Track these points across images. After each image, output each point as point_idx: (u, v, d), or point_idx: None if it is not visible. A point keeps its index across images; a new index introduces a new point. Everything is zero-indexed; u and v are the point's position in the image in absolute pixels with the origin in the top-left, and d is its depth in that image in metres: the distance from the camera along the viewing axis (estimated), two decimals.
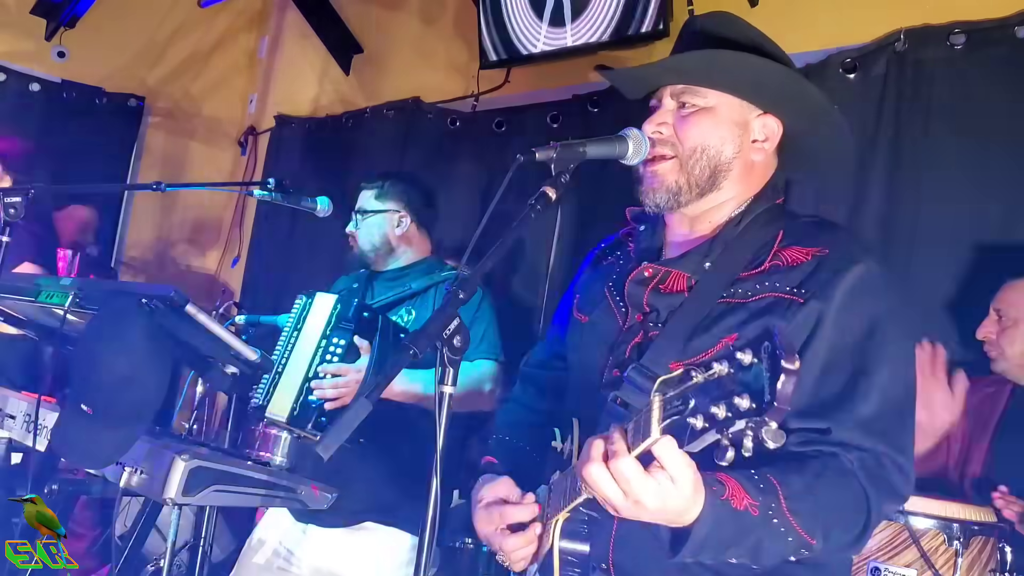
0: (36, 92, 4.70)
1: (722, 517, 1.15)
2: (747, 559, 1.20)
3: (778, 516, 1.18)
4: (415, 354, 1.16)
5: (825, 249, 1.34)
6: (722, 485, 1.16)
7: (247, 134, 5.32)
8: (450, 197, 3.89)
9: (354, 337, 2.29)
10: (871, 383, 1.28)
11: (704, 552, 1.17)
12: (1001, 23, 2.42)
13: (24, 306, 2.15)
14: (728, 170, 1.42)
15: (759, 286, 1.34)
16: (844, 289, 1.30)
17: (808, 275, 1.32)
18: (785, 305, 1.31)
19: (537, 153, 1.36)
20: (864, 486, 1.24)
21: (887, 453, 1.26)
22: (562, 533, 1.35)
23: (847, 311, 1.30)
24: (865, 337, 1.29)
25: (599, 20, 3.36)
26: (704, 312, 1.35)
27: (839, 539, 1.25)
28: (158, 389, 1.67)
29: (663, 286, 1.42)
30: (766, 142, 1.43)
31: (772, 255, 1.36)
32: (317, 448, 1.10)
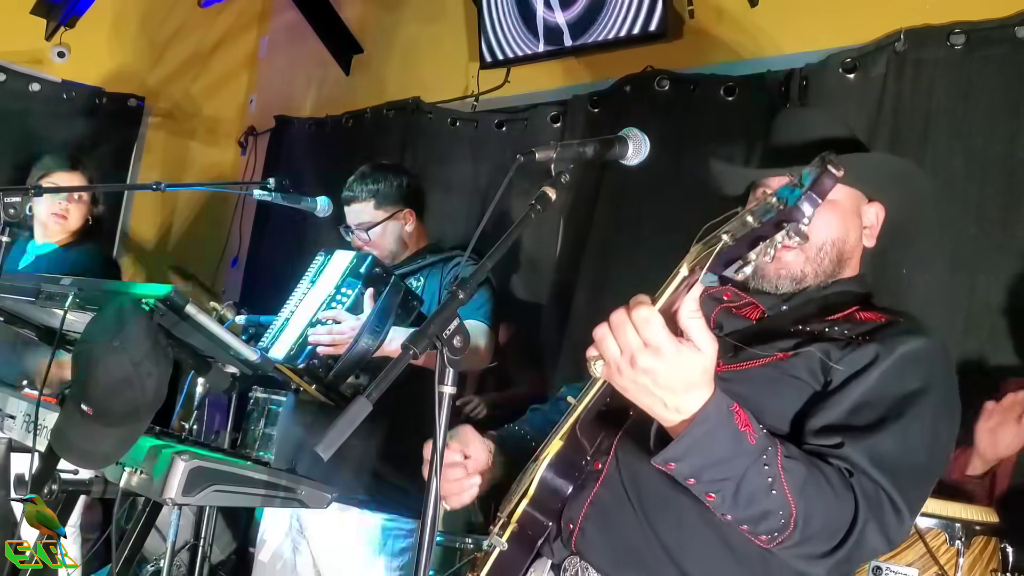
0: (36, 92, 4.69)
1: (721, 424, 1.12)
2: (728, 496, 1.15)
3: (770, 463, 1.15)
4: (415, 354, 1.16)
5: (899, 317, 1.41)
6: (731, 400, 1.15)
7: (247, 134, 5.33)
8: (450, 197, 3.89)
9: (365, 291, 2.29)
10: (898, 428, 1.26)
11: (690, 458, 1.13)
12: (1001, 23, 2.42)
13: (24, 306, 2.15)
14: (851, 257, 1.50)
15: (827, 329, 1.38)
16: (908, 349, 1.32)
17: (876, 328, 1.36)
18: (846, 341, 1.34)
19: (537, 153, 1.37)
20: (857, 502, 1.19)
21: (889, 492, 1.21)
22: (548, 467, 1.34)
23: (901, 368, 1.30)
24: (911, 395, 1.29)
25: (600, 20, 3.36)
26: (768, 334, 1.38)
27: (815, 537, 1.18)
28: (158, 389, 1.67)
29: (736, 310, 1.48)
30: (874, 227, 1.52)
31: (848, 313, 1.42)
32: (317, 448, 1.10)
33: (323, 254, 2.50)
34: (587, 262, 3.25)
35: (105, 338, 1.63)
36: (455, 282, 1.24)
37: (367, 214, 2.63)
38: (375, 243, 2.63)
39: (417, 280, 2.59)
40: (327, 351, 2.24)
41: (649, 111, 3.11)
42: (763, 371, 1.34)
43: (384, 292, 2.28)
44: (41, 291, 1.96)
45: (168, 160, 5.22)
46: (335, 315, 2.26)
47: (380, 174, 2.67)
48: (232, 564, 3.97)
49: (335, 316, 2.26)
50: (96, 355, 1.63)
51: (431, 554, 1.19)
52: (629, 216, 3.14)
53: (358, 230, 2.65)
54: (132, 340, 1.63)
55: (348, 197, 2.65)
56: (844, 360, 1.31)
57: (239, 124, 5.42)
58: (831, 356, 1.31)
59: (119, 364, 1.62)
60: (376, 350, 2.21)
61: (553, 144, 1.38)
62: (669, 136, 2.96)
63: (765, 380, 1.33)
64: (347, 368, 2.22)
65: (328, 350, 2.24)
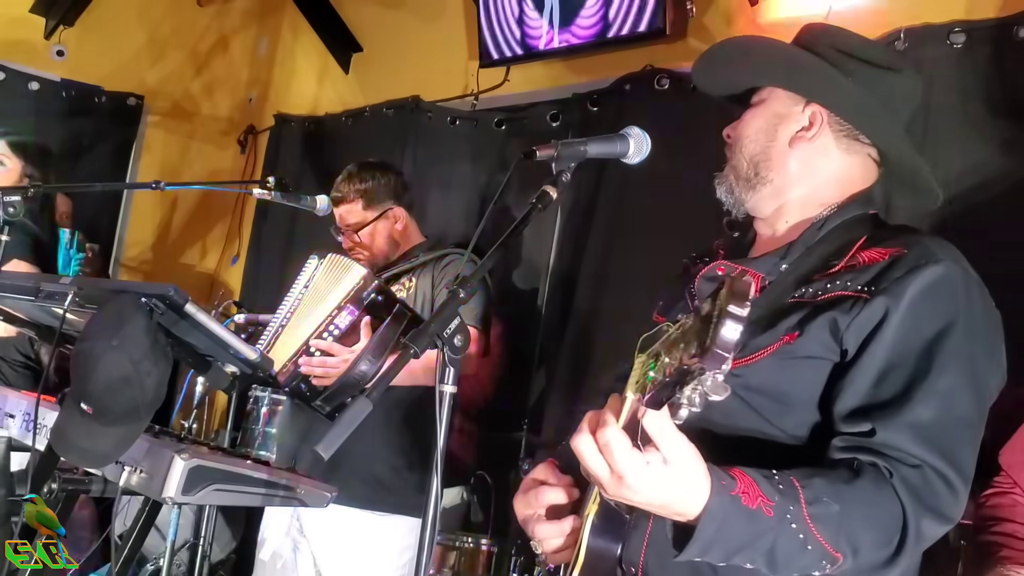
0: (35, 90, 4.69)
1: (731, 514, 1.06)
2: (762, 565, 1.11)
3: (796, 521, 1.08)
4: (415, 353, 1.16)
5: (904, 249, 1.26)
6: (732, 480, 1.08)
7: (246, 133, 5.32)
8: (450, 195, 3.89)
9: (363, 319, 2.27)
10: (933, 387, 1.18)
11: (712, 552, 1.08)
12: (1001, 22, 2.42)
13: (24, 305, 2.15)
14: (766, 159, 1.41)
15: (829, 285, 1.27)
16: (917, 288, 1.21)
17: (880, 272, 1.24)
18: (851, 302, 1.22)
19: (538, 152, 1.36)
20: (902, 500, 1.13)
21: (937, 467, 1.14)
22: (592, 530, 1.25)
23: (917, 311, 1.20)
24: (934, 340, 1.19)
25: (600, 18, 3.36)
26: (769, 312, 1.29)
27: (869, 556, 1.13)
28: (157, 388, 1.67)
29: None
30: (810, 129, 1.40)
31: (850, 257, 1.29)
32: (317, 448, 1.10)
33: (315, 257, 2.48)
34: (587, 261, 3.25)
35: (105, 337, 1.63)
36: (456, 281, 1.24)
37: (356, 215, 2.62)
38: (366, 244, 2.62)
39: (409, 280, 2.58)
40: (318, 382, 2.25)
41: (649, 110, 3.10)
42: (774, 361, 1.25)
43: (385, 322, 2.26)
44: (41, 290, 1.96)
45: (167, 159, 5.22)
46: (327, 347, 2.24)
47: (367, 173, 2.65)
48: (232, 563, 3.97)
49: (326, 349, 2.24)
50: (96, 354, 1.63)
51: (431, 553, 1.19)
52: (629, 215, 3.13)
53: (348, 231, 2.63)
54: (132, 339, 1.63)
55: (336, 198, 2.64)
56: (852, 326, 1.21)
57: (238, 123, 5.41)
58: (839, 324, 1.22)
59: (118, 363, 1.62)
60: (372, 378, 2.19)
61: (554, 143, 1.38)
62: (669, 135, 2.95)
63: (778, 370, 1.25)
64: (337, 394, 2.22)
65: (319, 381, 2.24)
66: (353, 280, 2.29)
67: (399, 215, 2.66)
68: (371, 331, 2.26)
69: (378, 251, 2.65)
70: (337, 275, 2.36)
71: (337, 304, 2.28)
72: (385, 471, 2.45)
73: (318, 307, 2.34)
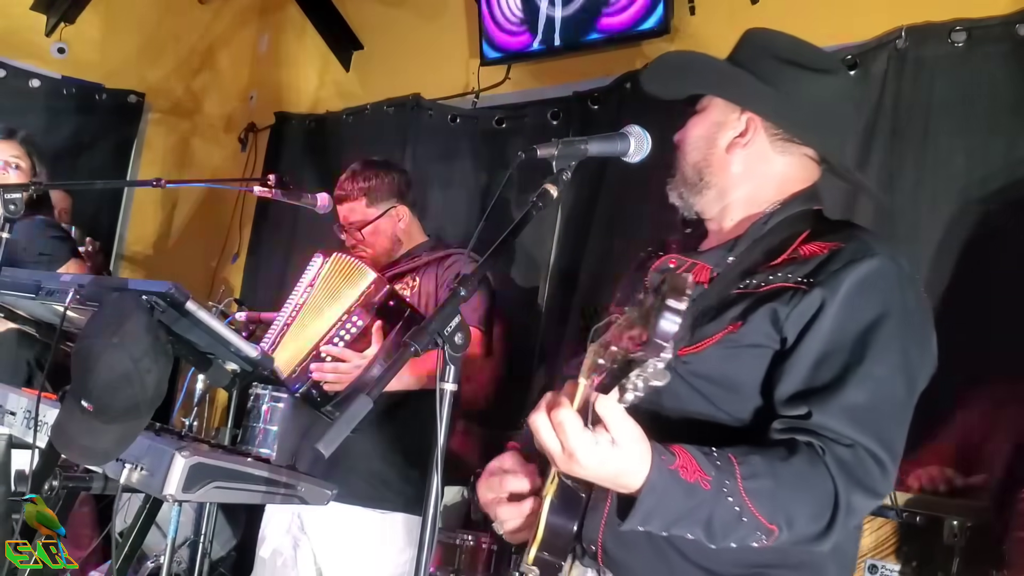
0: (36, 88, 4.69)
1: (670, 487, 1.15)
2: (701, 535, 1.19)
3: (732, 494, 1.17)
4: (416, 351, 1.17)
5: (842, 243, 1.34)
6: (672, 455, 1.17)
7: (247, 130, 5.32)
8: (451, 194, 3.89)
9: (374, 323, 2.26)
10: (866, 373, 1.25)
11: (652, 521, 1.17)
12: (1003, 21, 2.42)
13: (24, 302, 2.15)
14: (707, 166, 1.50)
15: (771, 276, 1.35)
16: (853, 280, 1.28)
17: (819, 265, 1.32)
18: (791, 293, 1.30)
19: (538, 150, 1.37)
20: (833, 477, 1.21)
21: (868, 446, 1.23)
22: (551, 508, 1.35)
23: (852, 302, 1.28)
24: (868, 329, 1.27)
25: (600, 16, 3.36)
26: (717, 302, 1.37)
27: (803, 529, 1.21)
28: (158, 386, 1.67)
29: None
30: (744, 136, 1.48)
31: (792, 250, 1.38)
32: (318, 445, 1.10)
33: (320, 256, 2.48)
34: (587, 260, 3.25)
35: (105, 335, 1.63)
36: (457, 279, 1.24)
37: (359, 212, 2.61)
38: (369, 242, 2.62)
39: (412, 280, 2.57)
40: (330, 387, 2.25)
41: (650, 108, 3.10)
42: (719, 349, 1.33)
43: (396, 328, 2.25)
44: (42, 287, 1.96)
45: (168, 156, 5.22)
46: (340, 354, 2.24)
47: (371, 171, 2.65)
48: (232, 560, 3.98)
49: (338, 355, 2.24)
50: (96, 352, 1.63)
51: (431, 551, 1.20)
52: (630, 214, 3.13)
53: (351, 229, 2.63)
54: (132, 337, 1.63)
55: (339, 196, 2.64)
56: (792, 316, 1.29)
57: (239, 120, 5.41)
58: (779, 314, 1.30)
59: (119, 361, 1.62)
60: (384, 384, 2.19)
61: (554, 141, 1.39)
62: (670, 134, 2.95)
63: (724, 357, 1.33)
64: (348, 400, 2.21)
65: (331, 387, 2.25)
66: (363, 285, 2.28)
67: (402, 213, 2.66)
68: (383, 336, 2.26)
69: (380, 249, 2.64)
70: (346, 278, 2.34)
71: (347, 308, 2.27)
72: (386, 469, 2.45)
73: (326, 310, 2.33)
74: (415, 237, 2.71)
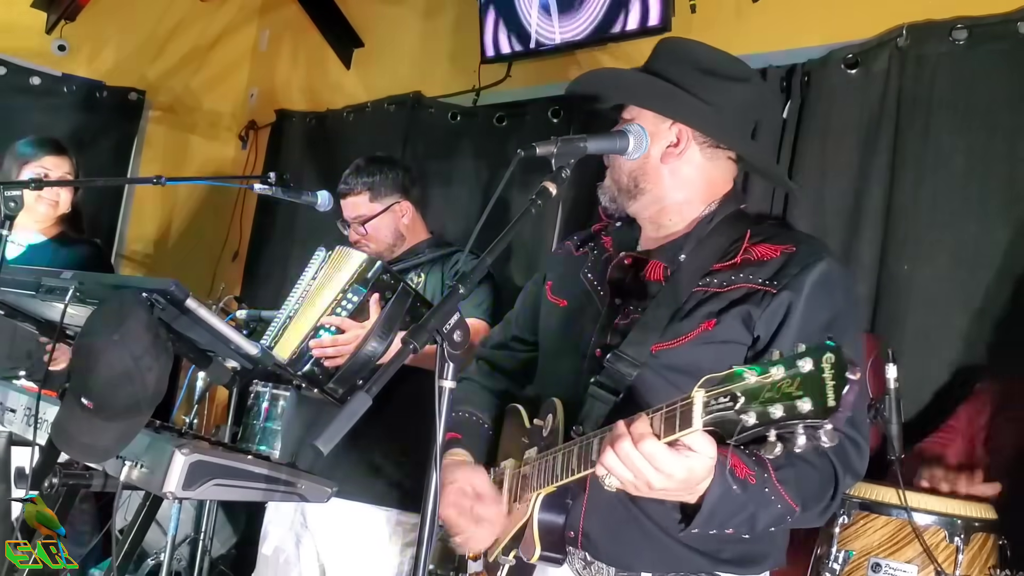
0: (36, 86, 4.69)
1: (729, 486, 1.26)
2: (744, 529, 1.32)
3: (768, 486, 1.31)
4: (414, 349, 1.17)
5: (792, 247, 1.48)
6: (725, 457, 1.24)
7: (247, 128, 5.32)
8: (451, 191, 3.89)
9: (371, 297, 2.26)
10: None
11: (712, 522, 1.28)
12: (1004, 19, 2.41)
13: (25, 300, 2.15)
14: (643, 175, 1.57)
15: (733, 277, 1.47)
16: (811, 282, 1.43)
17: (778, 269, 1.45)
18: (760, 296, 1.43)
19: (538, 148, 1.39)
20: (834, 463, 1.38)
21: (850, 435, 1.40)
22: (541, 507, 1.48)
23: (812, 303, 1.42)
24: (829, 325, 1.42)
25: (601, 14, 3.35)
26: (682, 299, 1.48)
27: (812, 509, 1.38)
28: (158, 383, 1.67)
29: (642, 273, 1.56)
30: (678, 146, 1.56)
31: (743, 250, 1.50)
32: (317, 443, 1.10)
33: (323, 250, 2.48)
34: None
35: (106, 332, 1.63)
36: (456, 276, 1.24)
37: (363, 207, 2.62)
38: (372, 237, 2.62)
39: (417, 276, 2.58)
40: (331, 362, 2.24)
41: None
42: (695, 345, 1.45)
43: (391, 299, 2.25)
44: (42, 285, 1.96)
45: (168, 154, 5.22)
46: (339, 323, 2.23)
47: (375, 167, 2.66)
48: (232, 558, 3.98)
49: (339, 324, 2.23)
50: (97, 349, 1.63)
51: (431, 548, 1.20)
52: None
53: (354, 224, 2.64)
54: (133, 334, 1.63)
55: (343, 191, 2.65)
56: (763, 317, 1.43)
57: (240, 118, 5.41)
58: (751, 315, 1.43)
59: (119, 358, 1.62)
60: (381, 356, 2.20)
61: (554, 139, 1.40)
62: None
63: (699, 352, 1.44)
64: (349, 374, 2.21)
65: (332, 361, 2.24)
66: (356, 263, 2.30)
67: (405, 209, 2.66)
68: (380, 307, 2.26)
69: (384, 244, 2.65)
70: (340, 263, 2.37)
71: (342, 287, 2.28)
72: (387, 466, 2.45)
73: (323, 293, 2.35)
74: (419, 233, 2.71)
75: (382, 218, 2.63)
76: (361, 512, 2.43)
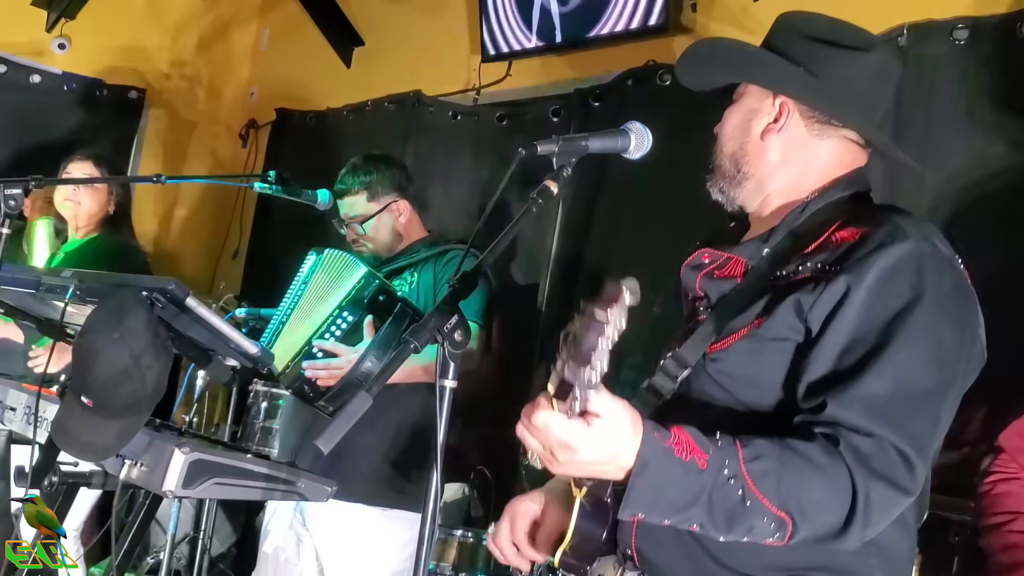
0: (36, 84, 4.69)
1: (663, 464, 1.11)
2: (707, 523, 1.14)
3: (734, 475, 1.12)
4: (415, 348, 1.17)
5: (874, 227, 1.25)
6: (667, 431, 1.14)
7: (248, 127, 5.32)
8: (451, 190, 3.89)
9: (366, 318, 2.26)
10: (889, 360, 1.17)
11: (649, 508, 1.13)
12: (1005, 19, 2.41)
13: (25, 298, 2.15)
14: (744, 155, 1.43)
15: (801, 267, 1.28)
16: (882, 265, 1.20)
17: (847, 251, 1.24)
18: (815, 282, 1.24)
19: (539, 147, 1.36)
20: (849, 466, 1.13)
21: (888, 438, 1.14)
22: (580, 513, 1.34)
23: (880, 289, 1.20)
24: (898, 315, 1.19)
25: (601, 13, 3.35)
26: (750, 295, 1.32)
27: (820, 522, 1.14)
28: (158, 382, 1.67)
29: (719, 271, 1.41)
30: (778, 121, 1.41)
31: (825, 237, 1.30)
32: (317, 442, 1.10)
33: (314, 253, 2.48)
34: (588, 257, 3.24)
35: (105, 330, 1.63)
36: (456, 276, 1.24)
37: (360, 207, 2.62)
38: (369, 236, 2.62)
39: (411, 275, 2.57)
40: (324, 383, 2.25)
41: (651, 105, 3.10)
42: (745, 344, 1.29)
43: (387, 321, 2.25)
44: (42, 283, 1.96)
45: (168, 152, 5.22)
46: (332, 348, 2.24)
47: (371, 165, 2.66)
48: (232, 557, 3.98)
49: (331, 350, 2.24)
50: (96, 347, 1.63)
51: (431, 547, 1.19)
52: (630, 210, 3.13)
53: (352, 223, 2.63)
54: (132, 332, 1.63)
55: (340, 190, 2.64)
56: (816, 305, 1.22)
57: (240, 116, 5.41)
58: (803, 305, 1.23)
59: (119, 356, 1.62)
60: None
61: (555, 138, 1.38)
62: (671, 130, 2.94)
63: (749, 353, 1.28)
64: (341, 394, 2.22)
65: (324, 382, 2.25)
66: (354, 280, 2.28)
67: (403, 208, 2.66)
68: (374, 330, 2.25)
69: (381, 244, 2.65)
70: (337, 274, 2.35)
71: (338, 304, 2.27)
72: (387, 466, 2.45)
73: (318, 307, 2.34)
74: (416, 232, 2.71)
75: (380, 217, 2.63)
76: (360, 512, 2.43)
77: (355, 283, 2.27)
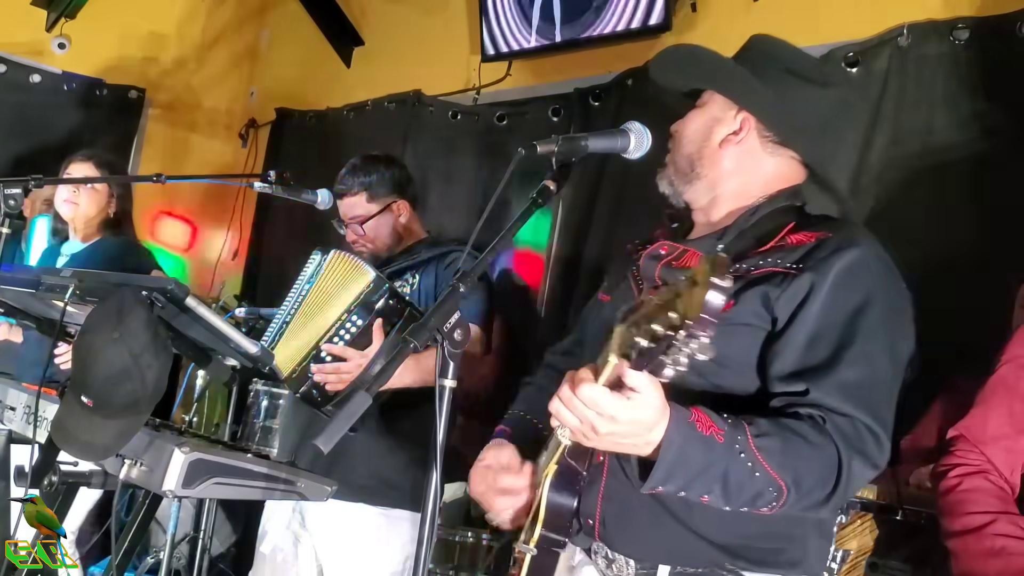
0: (36, 83, 4.69)
1: (689, 438, 1.21)
2: (719, 494, 1.25)
3: (745, 450, 1.24)
4: (415, 348, 1.17)
5: (829, 233, 1.41)
6: (687, 410, 1.23)
7: (248, 126, 5.32)
8: (451, 190, 3.89)
9: (374, 322, 2.25)
10: (858, 353, 1.33)
11: (673, 478, 1.23)
12: (1005, 19, 2.41)
13: (24, 298, 2.15)
14: (700, 158, 1.54)
15: (761, 262, 1.41)
16: (841, 267, 1.35)
17: (807, 252, 1.39)
18: (781, 277, 1.37)
19: (538, 146, 1.38)
20: (836, 443, 1.28)
21: (864, 420, 1.30)
22: (551, 487, 1.43)
23: (840, 287, 1.35)
24: (856, 312, 1.34)
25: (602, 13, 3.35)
26: None
27: (811, 493, 1.28)
28: (158, 381, 1.67)
29: (676, 263, 1.52)
30: (738, 134, 1.53)
31: (779, 239, 1.44)
32: (317, 442, 1.10)
33: (319, 253, 2.47)
34: (587, 257, 3.24)
35: (105, 330, 1.63)
36: (456, 275, 1.24)
37: (360, 207, 2.61)
38: (369, 237, 2.62)
39: (412, 276, 2.57)
40: (332, 387, 2.24)
41: (651, 105, 3.10)
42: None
43: (397, 324, 2.24)
44: (41, 283, 1.96)
45: (168, 152, 5.22)
46: (340, 352, 2.23)
47: (371, 166, 2.65)
48: (232, 556, 3.98)
49: (340, 353, 2.23)
50: (96, 347, 1.63)
51: (431, 547, 1.20)
52: (630, 210, 3.13)
53: (352, 224, 2.63)
54: (132, 332, 1.63)
55: (340, 190, 2.64)
56: (782, 298, 1.36)
57: (240, 116, 5.41)
58: (769, 296, 1.37)
59: (119, 356, 1.62)
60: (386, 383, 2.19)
61: (554, 137, 1.39)
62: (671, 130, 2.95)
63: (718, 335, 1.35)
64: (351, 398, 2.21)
65: (333, 387, 2.24)
66: (363, 284, 2.27)
67: (402, 208, 2.66)
68: (383, 334, 2.25)
69: (381, 244, 2.64)
70: (345, 276, 2.33)
71: (347, 308, 2.26)
72: (386, 466, 2.45)
73: (326, 309, 2.32)
74: (416, 232, 2.70)
75: (380, 218, 2.62)
76: (359, 512, 2.43)
77: (364, 287, 2.26)
